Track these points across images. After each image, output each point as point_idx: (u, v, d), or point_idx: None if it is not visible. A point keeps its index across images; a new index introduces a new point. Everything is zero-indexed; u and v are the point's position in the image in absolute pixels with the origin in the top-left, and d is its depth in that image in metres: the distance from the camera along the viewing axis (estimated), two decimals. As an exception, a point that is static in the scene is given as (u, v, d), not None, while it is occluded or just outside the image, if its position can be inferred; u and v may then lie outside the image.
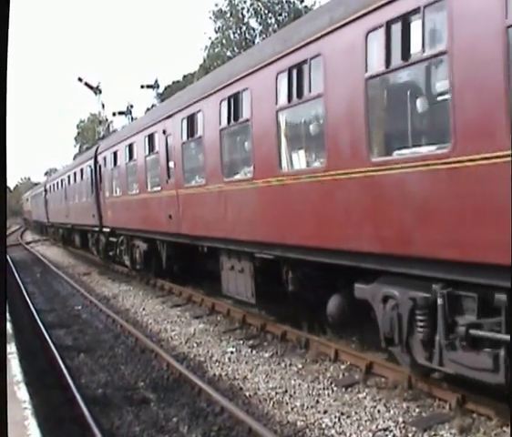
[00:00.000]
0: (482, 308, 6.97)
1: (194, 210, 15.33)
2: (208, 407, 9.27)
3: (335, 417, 8.39)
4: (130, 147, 21.22)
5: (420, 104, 8.00)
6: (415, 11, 7.30)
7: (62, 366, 11.78)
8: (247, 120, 11.90)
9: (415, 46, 7.38)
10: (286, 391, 9.63)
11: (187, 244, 16.32)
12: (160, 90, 57.94)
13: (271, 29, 50.35)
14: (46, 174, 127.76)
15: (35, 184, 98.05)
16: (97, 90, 62.52)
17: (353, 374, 9.99)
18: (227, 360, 11.71)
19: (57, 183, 43.19)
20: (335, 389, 9.46)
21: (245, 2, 53.33)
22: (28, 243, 56.19)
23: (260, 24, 53.69)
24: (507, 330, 6.52)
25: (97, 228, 28.33)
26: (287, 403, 9.16)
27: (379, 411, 8.37)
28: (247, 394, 9.72)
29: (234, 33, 53.86)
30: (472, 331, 7.01)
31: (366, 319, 9.22)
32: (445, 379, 8.42)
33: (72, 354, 13.32)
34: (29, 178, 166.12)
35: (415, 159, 7.49)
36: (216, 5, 54.64)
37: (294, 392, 9.56)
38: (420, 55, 7.36)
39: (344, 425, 8.12)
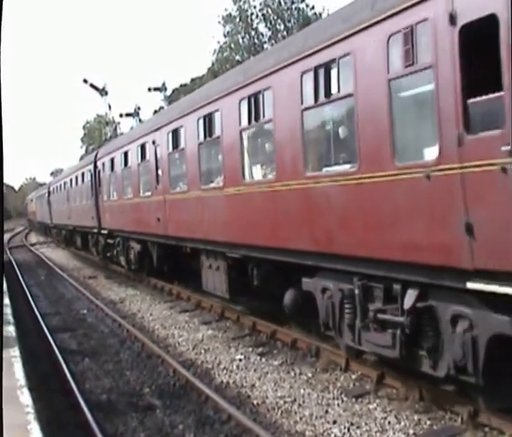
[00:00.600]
0: (386, 296, 8.97)
1: (178, 214, 17.67)
2: (214, 415, 9.37)
3: (345, 427, 8.47)
4: (126, 154, 23.64)
5: (339, 132, 10.21)
6: (333, 61, 9.68)
7: (66, 370, 11.92)
8: (218, 137, 14.32)
9: (334, 87, 9.74)
10: (295, 400, 9.71)
11: (173, 245, 18.71)
12: (168, 93, 58.15)
13: (280, 35, 50.64)
14: (51, 174, 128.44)
15: (41, 184, 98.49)
16: (102, 92, 62.82)
17: (363, 384, 10.08)
18: (235, 367, 11.80)
19: (60, 185, 45.43)
20: (345, 399, 9.54)
21: (254, 7, 53.67)
22: (33, 245, 56.51)
23: (269, 29, 54.03)
24: (402, 314, 8.51)
25: (96, 230, 30.54)
26: (296, 413, 9.25)
27: (389, 423, 8.45)
28: (255, 402, 9.82)
29: (243, 37, 54.12)
30: (379, 315, 9.01)
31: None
32: (456, 392, 8.48)
33: (76, 359, 13.47)
34: (34, 179, 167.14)
35: (336, 175, 9.81)
36: (225, 9, 54.96)
37: (303, 402, 9.64)
38: (337, 95, 9.74)
39: (354, 436, 8.21)
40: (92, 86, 62.46)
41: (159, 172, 19.16)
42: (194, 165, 15.84)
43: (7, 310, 15.64)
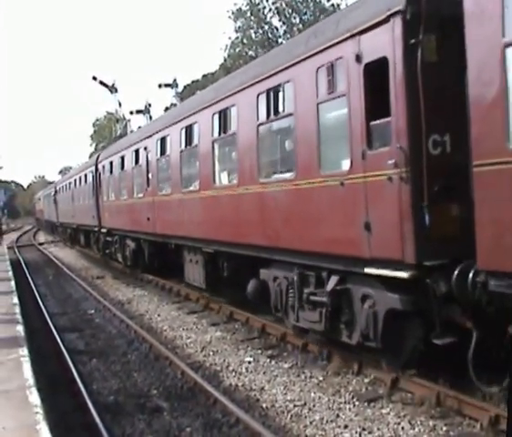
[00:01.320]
0: (317, 282, 11.24)
1: (164, 214, 20.15)
2: (223, 418, 9.27)
3: (356, 433, 8.34)
4: (122, 158, 26.24)
5: (284, 145, 12.34)
6: (280, 85, 12.02)
7: (74, 371, 11.87)
8: (196, 146, 16.71)
9: (280, 107, 12.16)
10: (305, 404, 9.60)
11: (161, 242, 21.24)
12: (180, 89, 58.14)
13: (295, 29, 50.36)
14: (60, 172, 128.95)
15: (50, 182, 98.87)
16: (112, 89, 62.88)
17: (376, 388, 9.94)
18: (244, 369, 11.71)
19: (66, 185, 48.36)
20: (357, 403, 9.41)
21: (267, 0, 53.46)
22: (41, 244, 56.67)
23: (283, 23, 53.74)
24: (326, 295, 10.74)
25: (96, 228, 33.19)
26: (306, 417, 9.13)
27: (403, 429, 8.31)
28: (264, 406, 9.71)
29: (256, 32, 53.94)
30: (311, 297, 11.33)
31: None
32: (477, 397, 8.36)
33: (84, 359, 13.41)
34: (43, 177, 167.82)
35: (281, 181, 12.16)
36: (235, 4, 54.84)
37: (314, 406, 9.53)
38: (282, 114, 12.10)
39: (366, 441, 8.10)
40: (101, 83, 62.53)
41: (150, 175, 21.60)
42: (177, 170, 18.40)
43: (16, 310, 15.62)
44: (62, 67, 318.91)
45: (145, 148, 22.19)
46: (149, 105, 55.17)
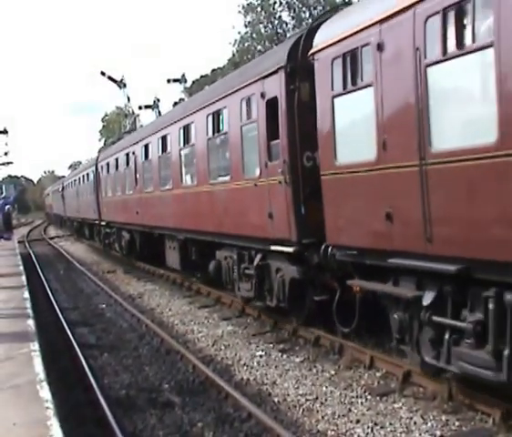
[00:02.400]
0: (249, 259, 14.51)
1: (149, 208, 23.79)
2: (234, 412, 9.33)
3: (368, 427, 8.36)
4: (116, 160, 30.31)
5: (225, 155, 15.62)
6: (220, 109, 15.57)
7: (85, 365, 11.95)
8: (169, 152, 20.48)
9: (221, 126, 15.72)
10: (317, 399, 9.64)
11: (148, 232, 24.72)
12: (188, 84, 58.14)
13: (304, 23, 50.17)
14: (70, 167, 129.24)
15: (60, 177, 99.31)
16: (121, 84, 62.88)
17: (388, 383, 9.95)
18: (255, 363, 11.76)
19: (72, 182, 52.79)
20: (369, 397, 9.43)
21: None
22: (52, 238, 56.91)
23: (292, 17, 53.60)
24: (254, 270, 14.06)
25: (97, 222, 37.32)
26: (317, 411, 9.17)
27: (415, 423, 8.31)
28: (275, 400, 9.76)
29: (265, 27, 53.81)
30: (245, 271, 14.56)
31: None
32: (489, 391, 8.34)
33: (95, 353, 13.51)
34: (53, 172, 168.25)
35: (222, 182, 15.57)
36: None
37: (326, 400, 9.56)
38: (222, 131, 15.61)
39: (377, 436, 8.10)
40: (110, 78, 62.53)
41: (137, 175, 25.55)
42: (156, 172, 22.44)
43: (27, 304, 15.71)
44: (71, 62, 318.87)
45: (133, 153, 26.27)
46: (158, 100, 55.13)
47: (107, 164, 32.86)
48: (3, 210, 40.56)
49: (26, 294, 17.36)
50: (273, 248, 12.88)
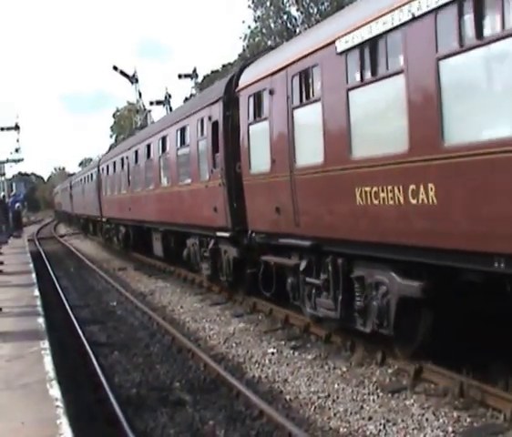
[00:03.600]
0: (206, 244, 18.64)
1: (138, 205, 27.89)
2: (246, 410, 9.38)
3: (380, 424, 8.41)
4: (114, 163, 34.73)
5: (188, 162, 19.63)
6: (185, 126, 19.91)
7: (95, 364, 12.04)
8: (151, 159, 25.09)
9: (184, 140, 20.02)
10: (329, 396, 9.69)
11: (138, 226, 28.89)
12: (199, 79, 58.10)
13: (313, 19, 50.21)
14: (80, 164, 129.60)
15: (70, 174, 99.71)
16: (133, 79, 62.94)
17: (400, 379, 9.99)
18: (267, 361, 11.82)
19: (78, 181, 57.48)
20: (381, 394, 9.48)
21: None
22: (62, 236, 57.16)
23: (301, 13, 53.64)
24: (209, 252, 18.38)
25: (99, 218, 41.48)
26: (329, 408, 9.22)
27: (427, 420, 8.36)
28: (287, 398, 9.82)
29: (275, 22, 53.85)
30: (204, 254, 18.83)
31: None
32: (499, 387, 8.36)
33: (106, 351, 13.61)
34: (64, 168, 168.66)
35: (186, 184, 19.82)
36: None
37: (337, 397, 9.61)
38: (186, 144, 19.77)
39: (390, 433, 8.15)
40: (122, 73, 62.61)
41: (130, 177, 29.83)
42: (143, 174, 26.78)
43: (37, 302, 15.81)
44: (83, 57, 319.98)
45: (127, 157, 30.78)
46: (169, 95, 55.20)
47: (107, 166, 37.29)
48: (13, 208, 40.84)
49: (36, 292, 17.46)
50: (218, 233, 17.01)
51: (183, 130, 20.13)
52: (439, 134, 8.38)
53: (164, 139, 22.82)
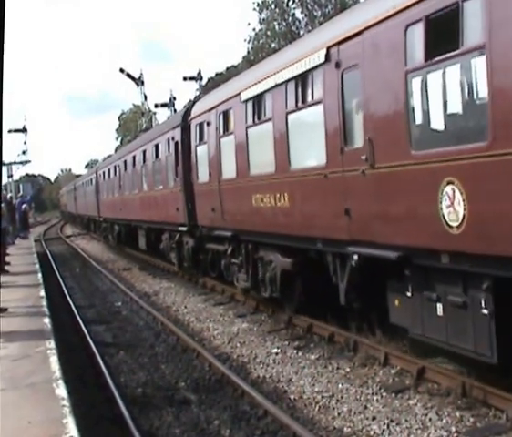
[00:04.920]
0: (171, 237, 23.55)
1: (127, 206, 31.84)
2: (251, 410, 9.34)
3: (384, 424, 8.35)
4: (109, 170, 39.18)
5: (160, 170, 24.07)
6: (158, 143, 24.56)
7: (101, 363, 12.01)
8: (136, 167, 29.42)
9: (157, 154, 24.95)
10: (333, 396, 9.63)
11: (129, 224, 33.05)
12: (204, 82, 58.09)
13: (317, 21, 50.25)
14: (86, 166, 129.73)
15: (77, 176, 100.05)
16: (139, 81, 62.96)
17: (403, 379, 9.92)
18: (271, 361, 11.77)
19: (80, 184, 62.11)
20: (384, 394, 9.42)
21: None
22: (68, 237, 57.19)
23: (305, 15, 53.67)
24: (174, 243, 23.00)
25: (97, 218, 46.03)
26: (333, 408, 9.16)
27: (430, 420, 8.30)
28: (291, 397, 9.76)
29: (279, 24, 53.88)
30: (172, 245, 23.39)
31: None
32: (501, 387, 8.30)
33: (111, 351, 13.59)
34: (70, 170, 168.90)
35: (160, 189, 24.07)
36: None
37: (341, 397, 9.56)
38: (159, 157, 24.34)
39: (394, 433, 8.09)
40: (128, 75, 62.68)
41: (121, 183, 34.01)
42: (130, 180, 31.01)
43: (43, 302, 15.78)
44: (89, 60, 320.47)
45: (118, 166, 35.09)
46: (174, 98, 55.23)
47: (103, 172, 42.10)
48: (20, 209, 40.82)
49: (43, 292, 17.43)
50: (180, 228, 21.22)
51: (157, 146, 24.52)
52: (288, 162, 12.80)
53: (145, 152, 27.21)
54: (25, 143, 63.43)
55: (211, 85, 53.66)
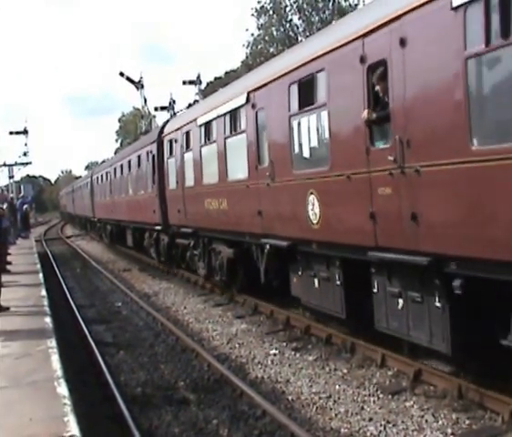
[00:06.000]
0: (152, 236, 26.92)
1: (117, 208, 34.98)
2: (249, 410, 9.32)
3: (381, 425, 8.35)
4: (102, 175, 42.52)
5: (141, 177, 27.58)
6: (140, 155, 28.28)
7: (101, 363, 12.01)
8: (123, 174, 32.86)
9: (138, 164, 28.56)
10: (330, 397, 9.63)
11: (118, 224, 36.43)
12: (203, 86, 58.02)
13: (314, 27, 50.36)
14: (86, 168, 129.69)
15: (76, 177, 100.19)
16: (138, 85, 62.84)
17: (400, 381, 9.93)
18: (269, 362, 11.76)
19: (78, 187, 65.92)
20: (381, 396, 9.41)
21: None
22: (68, 237, 57.15)
23: (303, 21, 53.76)
24: (154, 241, 26.83)
25: (92, 218, 49.25)
26: (331, 409, 9.16)
27: (427, 421, 8.30)
28: (289, 398, 9.76)
29: (277, 30, 53.96)
30: (151, 242, 27.04)
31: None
32: (497, 390, 8.31)
33: (112, 351, 13.58)
34: (70, 171, 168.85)
35: (141, 193, 27.59)
36: (259, 2, 54.82)
37: (338, 398, 9.56)
38: (140, 167, 28.26)
39: (390, 434, 8.09)
40: (128, 79, 62.45)
41: (111, 187, 37.26)
42: (119, 185, 34.35)
43: (44, 302, 15.77)
44: (90, 63, 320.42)
45: (109, 172, 38.64)
46: (174, 101, 55.11)
47: (97, 177, 45.62)
48: (21, 210, 40.78)
49: (44, 292, 17.41)
50: (156, 227, 24.64)
51: (139, 157, 27.92)
52: (226, 174, 16.30)
53: (130, 162, 30.74)
54: (26, 145, 63.36)
55: (210, 89, 53.75)
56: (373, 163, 9.58)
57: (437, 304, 8.62)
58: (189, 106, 34.19)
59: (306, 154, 12.15)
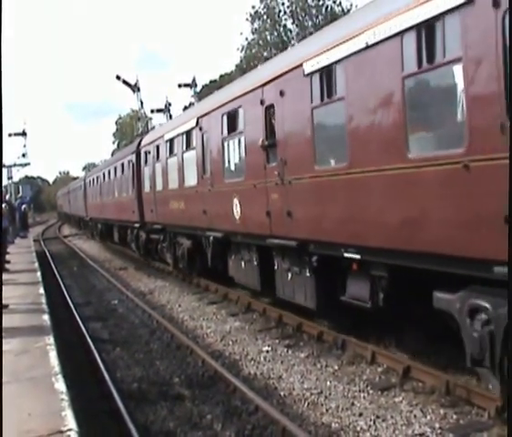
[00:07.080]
0: (131, 231, 31.41)
1: (105, 208, 38.06)
2: (242, 405, 9.33)
3: (371, 420, 8.38)
4: (97, 177, 43.42)
5: (124, 183, 30.96)
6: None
7: (98, 359, 11.99)
8: (110, 179, 36.18)
9: (125, 171, 31.58)
10: (321, 392, 9.65)
11: (107, 223, 39.75)
12: (198, 89, 57.99)
13: (307, 32, 50.40)
14: (83, 169, 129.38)
15: (74, 178, 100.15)
16: (135, 88, 62.73)
17: (389, 377, 9.96)
18: (262, 358, 11.77)
19: (73, 188, 69.30)
20: (371, 392, 9.45)
21: (283, 4, 53.54)
22: (66, 237, 57.05)
23: (296, 26, 53.82)
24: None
25: (85, 217, 52.41)
26: (322, 405, 9.18)
27: (415, 416, 8.34)
28: (282, 394, 9.78)
29: (271, 34, 54.00)
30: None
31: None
32: (483, 386, 8.35)
33: (108, 348, 13.55)
34: (68, 173, 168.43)
35: (124, 196, 31.06)
36: (253, 7, 54.88)
37: (329, 394, 9.58)
38: (123, 174, 31.70)
39: (380, 429, 8.12)
40: (125, 82, 62.29)
41: (101, 190, 40.18)
42: (108, 188, 36.71)
43: (42, 300, 15.76)
44: (88, 66, 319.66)
45: (99, 176, 41.72)
46: (169, 104, 55.05)
47: (89, 181, 49.03)
48: (19, 210, 40.73)
49: (42, 290, 17.40)
50: (135, 225, 27.92)
51: (123, 164, 31.27)
52: (183, 181, 19.91)
53: (116, 168, 33.97)
54: (24, 146, 63.10)
55: (206, 91, 53.68)
56: (268, 176, 13.25)
57: (307, 274, 12.18)
58: (185, 108, 34.91)
59: (232, 167, 15.81)
